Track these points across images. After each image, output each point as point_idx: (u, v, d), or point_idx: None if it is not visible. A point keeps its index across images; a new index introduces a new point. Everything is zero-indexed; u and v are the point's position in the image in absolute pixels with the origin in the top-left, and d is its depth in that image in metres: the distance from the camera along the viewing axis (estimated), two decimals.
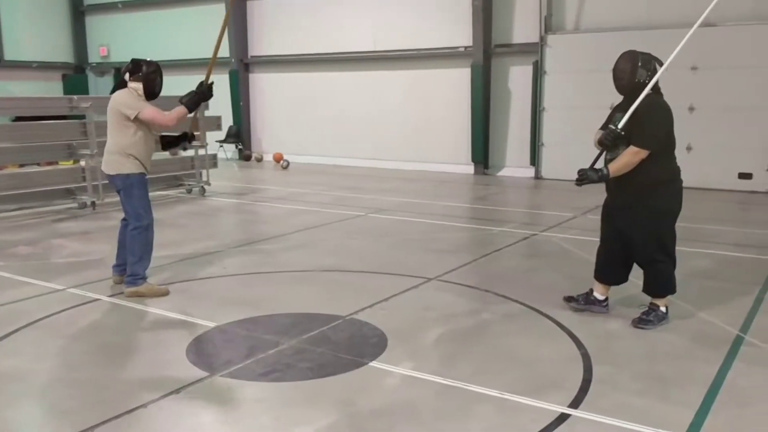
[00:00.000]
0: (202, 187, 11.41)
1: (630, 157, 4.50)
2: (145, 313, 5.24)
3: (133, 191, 5.50)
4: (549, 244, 7.60)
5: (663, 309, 4.91)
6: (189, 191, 11.41)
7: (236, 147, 17.30)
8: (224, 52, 17.15)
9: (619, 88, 4.71)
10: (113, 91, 5.57)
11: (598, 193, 5.35)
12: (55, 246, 7.58)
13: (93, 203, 9.83)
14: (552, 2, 13.12)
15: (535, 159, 13.48)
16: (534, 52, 13.19)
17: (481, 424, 3.45)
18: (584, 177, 4.55)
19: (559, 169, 13.10)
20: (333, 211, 9.67)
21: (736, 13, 11.11)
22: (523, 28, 13.55)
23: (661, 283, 4.88)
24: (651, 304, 4.92)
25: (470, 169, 14.30)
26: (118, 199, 5.80)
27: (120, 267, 5.81)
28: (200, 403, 3.72)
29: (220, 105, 13.73)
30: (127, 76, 5.51)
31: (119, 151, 5.42)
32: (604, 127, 4.79)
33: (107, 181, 6.01)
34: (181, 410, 3.63)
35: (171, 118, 5.38)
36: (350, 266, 6.63)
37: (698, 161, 11.45)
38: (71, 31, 19.91)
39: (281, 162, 15.84)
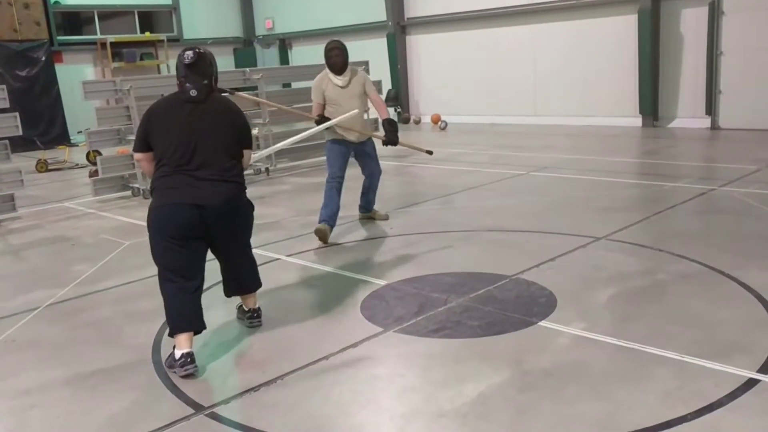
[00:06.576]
0: None
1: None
2: (320, 271, 5.57)
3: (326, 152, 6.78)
4: (730, 200, 7.07)
5: (175, 351, 3.81)
6: None
7: (395, 110, 17.59)
8: (381, 15, 17.41)
9: None
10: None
11: None
12: None
13: (267, 169, 10.48)
14: None
15: (711, 108, 12.48)
16: None
17: (658, 386, 3.34)
18: None
19: (739, 117, 12.08)
20: (493, 171, 9.62)
21: None
22: None
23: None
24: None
25: (638, 121, 13.54)
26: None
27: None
28: (376, 356, 3.93)
29: (379, 69, 13.98)
30: None
31: None
32: None
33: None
34: (359, 362, 3.85)
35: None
36: (513, 226, 6.59)
37: None
38: (240, 7, 21.19)
39: (439, 123, 15.91)
